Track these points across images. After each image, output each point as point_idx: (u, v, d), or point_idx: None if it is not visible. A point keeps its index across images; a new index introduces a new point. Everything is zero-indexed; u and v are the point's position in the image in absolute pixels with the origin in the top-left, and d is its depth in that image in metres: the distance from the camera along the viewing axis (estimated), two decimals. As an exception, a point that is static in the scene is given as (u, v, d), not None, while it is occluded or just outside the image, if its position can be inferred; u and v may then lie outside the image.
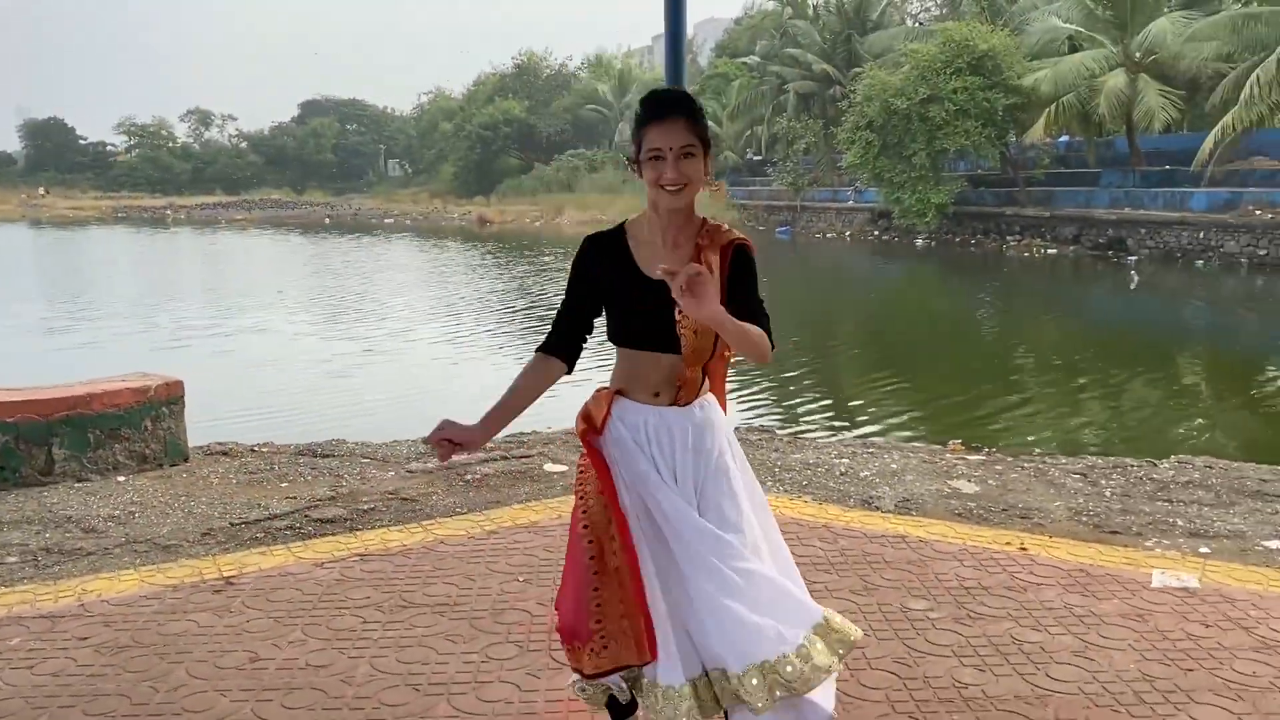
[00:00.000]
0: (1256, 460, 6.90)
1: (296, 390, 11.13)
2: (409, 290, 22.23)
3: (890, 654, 3.18)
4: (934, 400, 11.04)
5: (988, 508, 5.25)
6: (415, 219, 57.38)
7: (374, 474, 6.12)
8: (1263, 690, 2.92)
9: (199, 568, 4.02)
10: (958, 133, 28.57)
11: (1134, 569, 3.86)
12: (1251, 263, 22.93)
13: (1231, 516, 5.34)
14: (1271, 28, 23.16)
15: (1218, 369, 13.19)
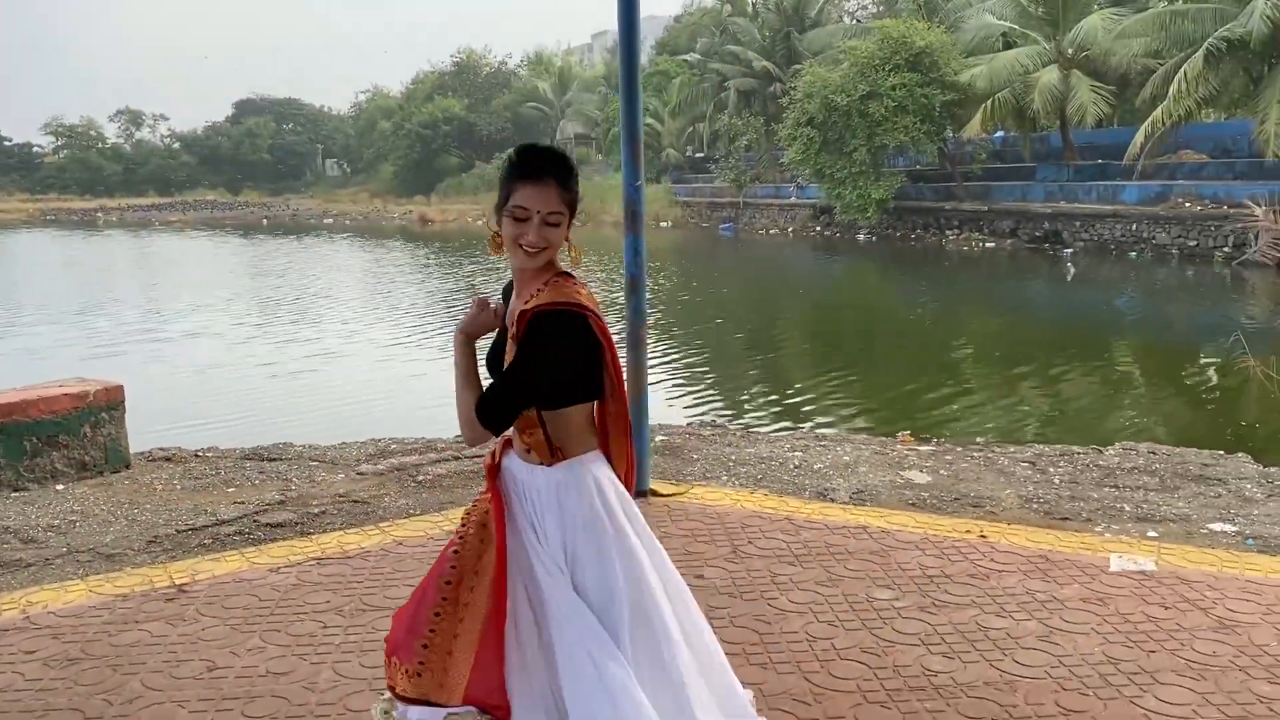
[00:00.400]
0: (1194, 445, 7.08)
1: (240, 394, 10.90)
2: (353, 292, 21.91)
3: (858, 644, 3.19)
4: (879, 392, 11.15)
5: (940, 497, 5.31)
6: (355, 219, 56.63)
7: (323, 477, 6.02)
8: (1223, 669, 2.97)
9: (149, 576, 3.90)
10: (897, 129, 28.90)
11: (1092, 554, 3.92)
12: (1182, 253, 23.52)
13: (1176, 501, 5.45)
14: (1197, 24, 23.75)
15: (1153, 358, 13.49)
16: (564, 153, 2.17)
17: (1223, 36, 22.47)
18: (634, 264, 4.39)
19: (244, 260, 32.51)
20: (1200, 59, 22.60)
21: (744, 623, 3.35)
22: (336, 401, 10.41)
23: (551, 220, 2.07)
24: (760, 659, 3.10)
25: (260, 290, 22.34)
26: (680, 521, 4.30)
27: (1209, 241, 22.97)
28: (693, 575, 3.75)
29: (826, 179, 31.26)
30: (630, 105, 4.26)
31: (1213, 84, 23.43)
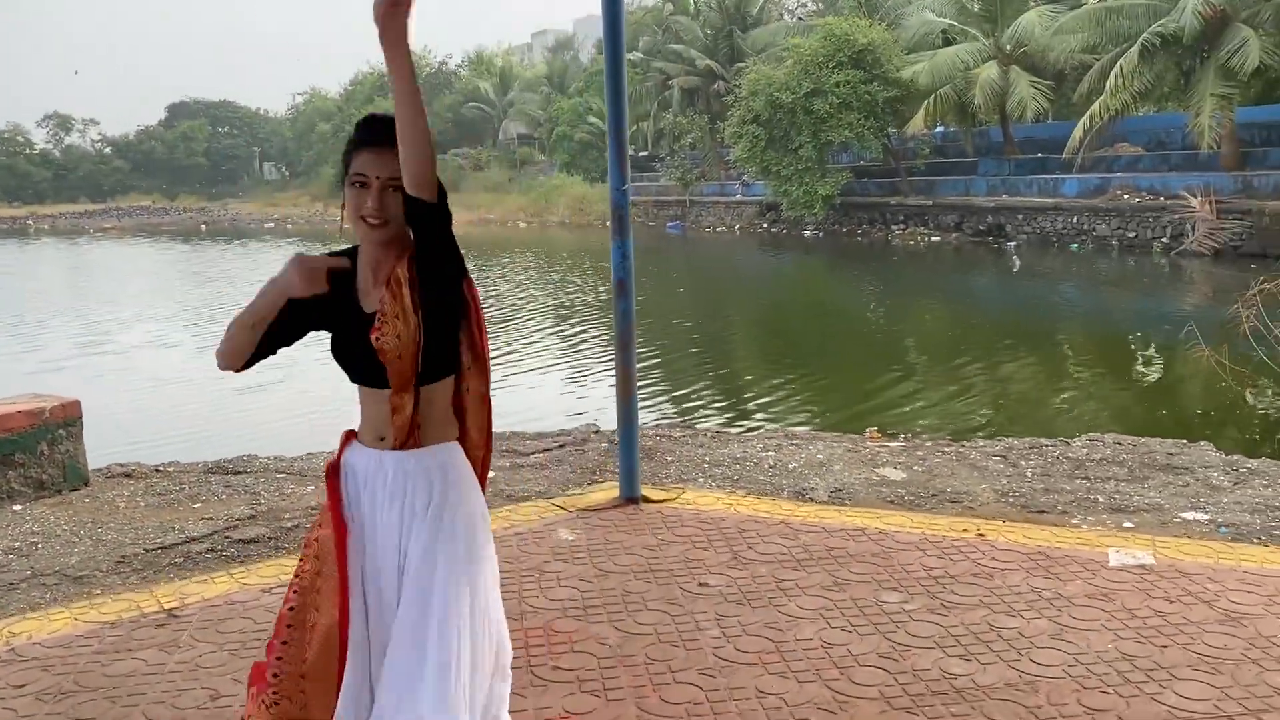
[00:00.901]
0: (1155, 435, 7.21)
1: (197, 406, 10.64)
2: None
3: (874, 649, 3.17)
4: (837, 390, 11.21)
5: (918, 494, 5.33)
6: (298, 223, 55.79)
7: (293, 489, 5.88)
8: (1237, 663, 3.00)
9: (135, 600, 3.76)
10: (842, 125, 29.18)
11: (1090, 549, 3.95)
12: (1122, 244, 24.02)
13: (1147, 490, 5.53)
14: (1131, 20, 24.26)
15: (1106, 349, 13.74)
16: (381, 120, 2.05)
17: (1156, 31, 22.99)
18: (621, 268, 4.34)
19: (189, 268, 31.68)
20: (1135, 54, 23.09)
21: (756, 630, 3.31)
22: (297, 412, 10.21)
23: (393, 185, 1.96)
24: (779, 668, 3.07)
25: (209, 298, 21.81)
26: (676, 528, 4.26)
27: (1148, 232, 23.49)
28: (696, 583, 3.71)
29: (773, 176, 31.45)
30: (616, 108, 4.20)
31: (1147, 78, 23.94)
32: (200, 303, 21.05)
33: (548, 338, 15.22)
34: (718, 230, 37.36)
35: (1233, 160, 23.41)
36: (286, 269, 2.00)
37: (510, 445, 6.66)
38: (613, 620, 3.42)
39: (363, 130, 2.02)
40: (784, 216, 33.17)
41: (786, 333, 15.97)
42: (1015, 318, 16.37)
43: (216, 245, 41.39)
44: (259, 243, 42.43)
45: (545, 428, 7.86)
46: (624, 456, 4.54)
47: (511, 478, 5.62)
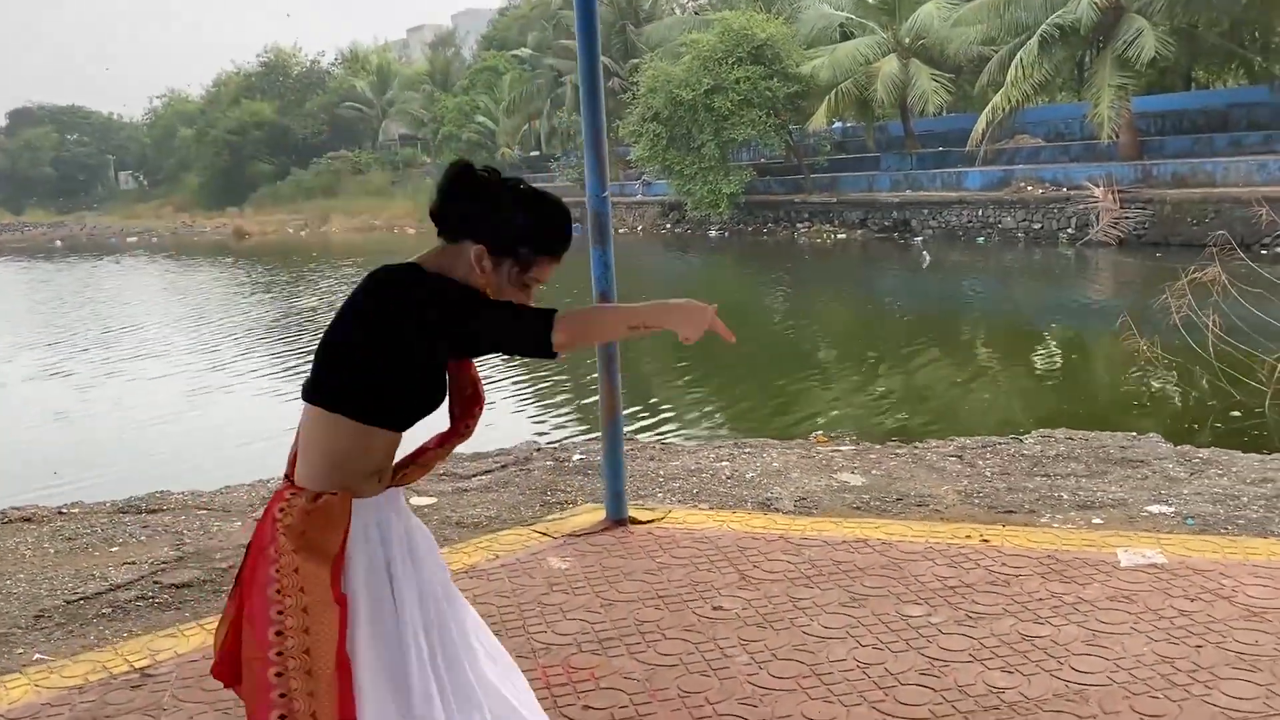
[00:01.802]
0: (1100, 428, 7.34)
1: (95, 441, 9.95)
2: (187, 318, 20.27)
3: (913, 666, 3.08)
4: (765, 394, 11.09)
5: (882, 499, 5.28)
6: (162, 236, 52.59)
7: (218, 526, 5.50)
8: (1272, 659, 2.99)
9: (99, 661, 3.45)
10: (744, 122, 29.17)
11: (1098, 550, 3.93)
12: (1029, 236, 24.64)
13: (1108, 485, 5.59)
14: (1029, 11, 24.75)
15: (1039, 341, 13.94)
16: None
17: (1055, 23, 23.58)
18: (603, 279, 4.19)
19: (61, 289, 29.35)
20: (1035, 45, 23.64)
21: (787, 654, 3.19)
22: (205, 444, 9.68)
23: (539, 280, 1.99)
24: (820, 692, 2.95)
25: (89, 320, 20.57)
26: (673, 550, 4.12)
27: (1053, 224, 24.15)
28: (710, 607, 3.57)
29: (676, 175, 31.33)
30: (593, 111, 4.04)
31: (1046, 69, 24.56)
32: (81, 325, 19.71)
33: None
34: (620, 231, 37.14)
35: (1131, 150, 24.22)
36: (701, 309, 1.91)
37: (448, 469, 6.38)
38: (633, 653, 3.26)
39: (560, 241, 1.98)
40: (688, 216, 33.11)
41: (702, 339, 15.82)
42: (933, 314, 16.61)
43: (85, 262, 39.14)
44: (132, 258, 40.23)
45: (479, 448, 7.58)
46: (610, 477, 4.39)
47: (457, 503, 5.39)
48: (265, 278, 28.64)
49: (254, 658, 1.79)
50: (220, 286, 27.29)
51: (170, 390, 12.27)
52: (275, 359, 14.47)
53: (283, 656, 1.77)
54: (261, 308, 21.34)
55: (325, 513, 1.83)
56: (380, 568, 1.90)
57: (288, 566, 1.79)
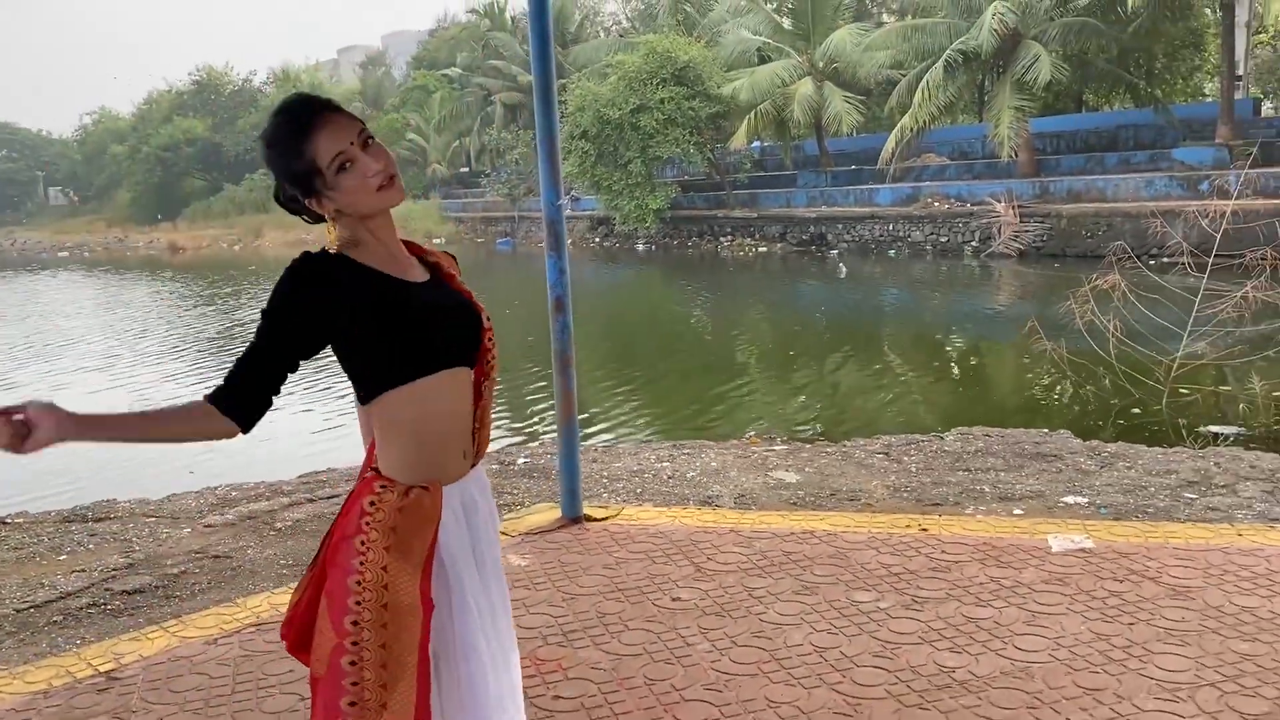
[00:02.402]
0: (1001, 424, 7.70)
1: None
2: (131, 331, 19.81)
3: (866, 649, 3.23)
4: (690, 400, 11.30)
5: (816, 494, 5.49)
6: (95, 250, 52.05)
7: (167, 533, 5.51)
8: (1200, 633, 3.21)
9: (63, 665, 3.42)
10: (669, 140, 29.68)
11: (1030, 537, 4.14)
12: (936, 249, 25.42)
13: (1025, 478, 5.89)
14: (934, 37, 25.75)
15: (936, 346, 14.50)
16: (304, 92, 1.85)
17: (958, 48, 24.49)
18: (559, 284, 4.28)
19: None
20: (940, 69, 24.52)
21: (746, 641, 3.31)
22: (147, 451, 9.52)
23: (368, 140, 1.76)
24: (781, 676, 3.08)
25: (25, 336, 19.87)
26: (629, 545, 4.22)
27: (959, 237, 24.96)
28: (669, 598, 3.68)
29: (604, 190, 31.69)
30: (547, 121, 4.14)
31: (950, 92, 25.50)
32: (23, 338, 19.12)
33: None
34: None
35: (1029, 168, 25.22)
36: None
37: None
38: (597, 644, 3.35)
39: (299, 113, 1.74)
40: (616, 230, 33.46)
41: (628, 346, 16.08)
42: (852, 323, 17.05)
43: (20, 276, 37.90)
44: (68, 272, 39.12)
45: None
46: (566, 475, 4.47)
47: None
48: (208, 290, 27.98)
49: (328, 638, 1.71)
50: (162, 300, 26.60)
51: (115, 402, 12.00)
52: (219, 370, 14.20)
53: (358, 646, 1.70)
54: (205, 320, 20.91)
55: (417, 510, 1.75)
56: (469, 559, 1.84)
57: (374, 563, 1.70)
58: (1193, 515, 4.79)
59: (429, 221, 42.30)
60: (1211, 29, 28.21)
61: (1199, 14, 26.90)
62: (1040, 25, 24.29)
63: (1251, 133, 23.06)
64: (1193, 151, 22.96)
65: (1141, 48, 26.88)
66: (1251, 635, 3.17)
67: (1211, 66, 30.20)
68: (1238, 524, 4.28)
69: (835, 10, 31.40)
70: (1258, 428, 8.34)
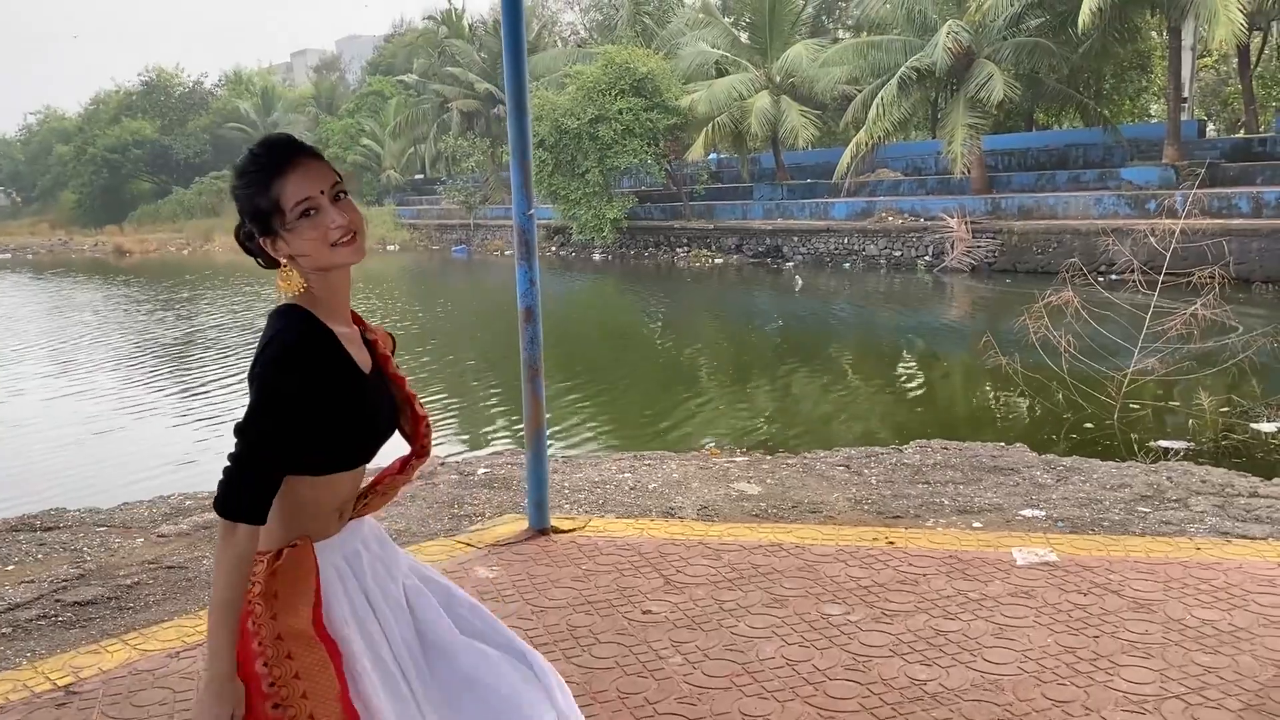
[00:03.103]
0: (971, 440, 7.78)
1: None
2: (85, 337, 19.32)
3: (838, 662, 3.24)
4: (635, 410, 11.31)
5: (779, 506, 5.51)
6: (38, 252, 50.89)
7: (119, 543, 5.41)
8: (1163, 646, 3.27)
9: (19, 679, 3.33)
10: (626, 151, 29.77)
11: (994, 550, 4.19)
12: (890, 263, 25.71)
13: (984, 491, 5.96)
14: (889, 54, 26.10)
15: (890, 358, 14.65)
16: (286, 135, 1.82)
17: (912, 65, 24.82)
18: (529, 294, 4.26)
19: None
20: (894, 86, 24.84)
21: (718, 654, 3.31)
22: (97, 459, 9.34)
23: (339, 193, 1.71)
24: (754, 689, 3.08)
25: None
26: (597, 557, 4.20)
27: (912, 251, 25.27)
28: (639, 610, 3.67)
29: (561, 200, 31.69)
30: (519, 129, 4.12)
31: (905, 108, 25.83)
32: None
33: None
34: (506, 254, 37.09)
35: (981, 184, 25.61)
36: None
37: None
38: (569, 657, 3.33)
39: (274, 154, 1.71)
40: (573, 240, 33.46)
41: (583, 354, 16.02)
42: (809, 335, 17.16)
43: None
44: (15, 274, 38.08)
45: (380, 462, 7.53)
46: (533, 488, 4.44)
47: None
48: (163, 295, 27.33)
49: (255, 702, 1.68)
50: (115, 305, 25.94)
51: (67, 409, 11.78)
52: (176, 378, 13.95)
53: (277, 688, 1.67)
54: (163, 326, 20.39)
55: (291, 567, 1.70)
56: (361, 604, 1.79)
57: (269, 636, 1.67)
58: (1147, 529, 4.87)
59: (383, 228, 41.96)
60: (1158, 51, 28.92)
61: (1146, 37, 27.55)
62: (993, 44, 24.71)
63: (1197, 153, 23.62)
64: (1140, 171, 23.45)
65: (1091, 68, 27.50)
66: (1213, 648, 3.23)
67: (1157, 88, 30.95)
68: (1195, 538, 4.36)
69: (792, 25, 31.73)
70: (1205, 442, 8.52)
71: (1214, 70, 33.36)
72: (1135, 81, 30.91)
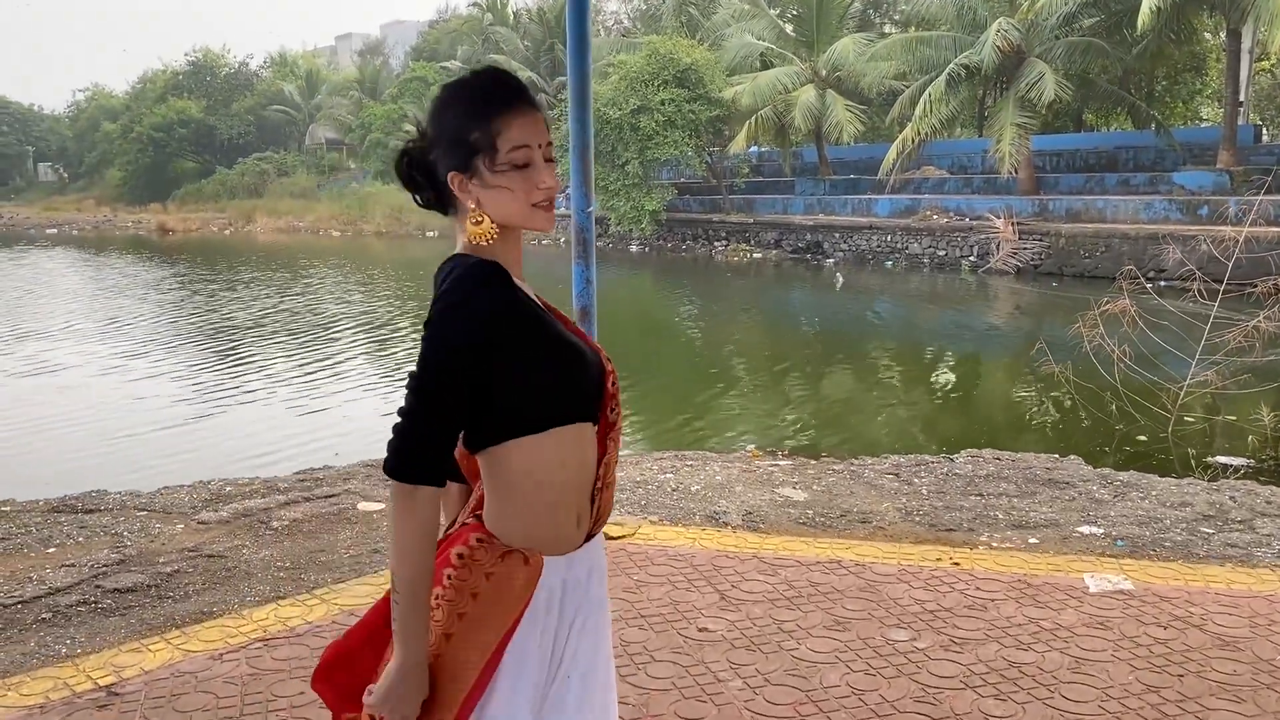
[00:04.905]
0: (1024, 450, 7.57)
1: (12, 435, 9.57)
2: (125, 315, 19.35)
3: (907, 694, 3.09)
4: (673, 410, 11.14)
5: (827, 514, 5.35)
6: (83, 229, 51.49)
7: (159, 528, 5.35)
8: (1254, 689, 3.09)
9: (59, 677, 3.24)
10: (667, 143, 29.52)
11: (1065, 574, 4.02)
12: (933, 262, 25.36)
13: (1039, 505, 5.76)
14: (938, 50, 25.71)
15: (937, 361, 14.41)
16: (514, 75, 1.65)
17: (961, 63, 24.44)
18: (585, 294, 4.14)
19: None
20: (943, 83, 24.47)
21: (779, 680, 3.17)
22: (135, 437, 9.34)
23: (550, 156, 1.59)
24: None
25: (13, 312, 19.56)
26: (648, 568, 4.07)
27: (956, 251, 24.90)
28: (695, 628, 3.53)
29: (600, 190, 31.56)
30: (581, 125, 3.99)
31: (953, 106, 25.45)
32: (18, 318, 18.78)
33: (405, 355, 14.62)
34: (543, 243, 37.03)
35: (1029, 185, 25.18)
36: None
37: (370, 476, 6.31)
38: (624, 676, 3.19)
39: (499, 90, 1.56)
40: (611, 231, 33.29)
41: (618, 348, 15.78)
42: (851, 335, 16.94)
43: (11, 252, 37.34)
44: (39, 250, 38.50)
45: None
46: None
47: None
48: (226, 276, 27.23)
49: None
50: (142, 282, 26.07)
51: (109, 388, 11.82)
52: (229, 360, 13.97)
53: None
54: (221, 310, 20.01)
55: (506, 582, 1.55)
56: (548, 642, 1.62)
57: (439, 625, 1.53)
58: (1211, 551, 4.67)
59: (420, 214, 41.98)
60: (1213, 54, 28.29)
61: (1201, 39, 26.95)
62: (1045, 43, 24.27)
63: (1253, 159, 23.08)
64: (1193, 176, 22.93)
65: (1144, 70, 26.91)
66: (1308, 693, 3.05)
67: (1211, 91, 30.31)
68: (1278, 569, 4.15)
69: (840, 19, 31.36)
70: (1265, 460, 8.27)
71: (1270, 74, 32.61)
72: (1189, 84, 30.28)
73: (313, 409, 10.66)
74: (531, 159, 1.54)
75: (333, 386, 11.96)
